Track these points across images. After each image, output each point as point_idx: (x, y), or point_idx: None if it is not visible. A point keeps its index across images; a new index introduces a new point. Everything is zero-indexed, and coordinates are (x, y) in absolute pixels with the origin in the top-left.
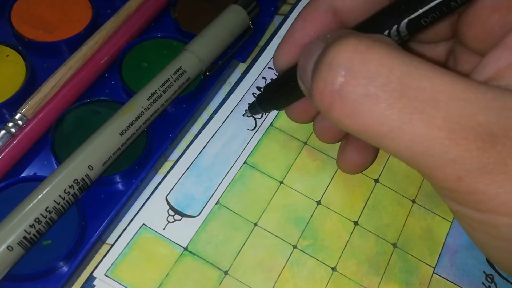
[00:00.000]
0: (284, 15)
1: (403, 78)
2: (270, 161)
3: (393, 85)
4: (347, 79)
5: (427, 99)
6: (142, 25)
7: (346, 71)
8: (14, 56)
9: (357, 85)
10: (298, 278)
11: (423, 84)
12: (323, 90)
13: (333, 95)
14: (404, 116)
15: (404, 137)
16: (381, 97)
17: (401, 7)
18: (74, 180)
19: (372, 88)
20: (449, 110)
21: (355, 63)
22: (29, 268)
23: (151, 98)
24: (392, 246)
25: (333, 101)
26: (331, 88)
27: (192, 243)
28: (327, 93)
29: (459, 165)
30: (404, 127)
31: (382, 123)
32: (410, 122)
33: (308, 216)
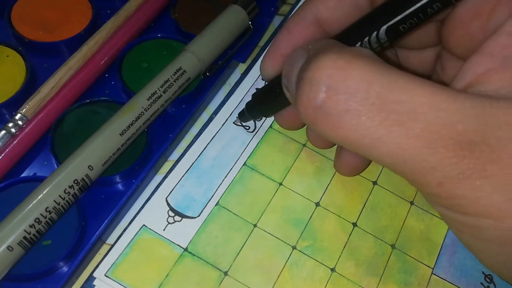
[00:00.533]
0: (284, 15)
1: (381, 92)
2: (269, 163)
3: (372, 99)
4: (328, 95)
5: (406, 111)
6: (142, 26)
7: (326, 87)
8: (14, 56)
9: (337, 100)
10: (297, 278)
11: (401, 97)
12: (306, 105)
13: (316, 111)
14: (383, 129)
15: (385, 147)
16: (361, 111)
17: (380, 14)
18: (74, 180)
19: (352, 103)
20: (428, 120)
21: (335, 79)
22: (29, 268)
23: (151, 98)
24: (391, 247)
25: (317, 116)
26: (314, 104)
27: (192, 244)
28: (311, 108)
29: (439, 172)
30: (384, 139)
31: (364, 136)
32: (390, 134)
33: (307, 218)
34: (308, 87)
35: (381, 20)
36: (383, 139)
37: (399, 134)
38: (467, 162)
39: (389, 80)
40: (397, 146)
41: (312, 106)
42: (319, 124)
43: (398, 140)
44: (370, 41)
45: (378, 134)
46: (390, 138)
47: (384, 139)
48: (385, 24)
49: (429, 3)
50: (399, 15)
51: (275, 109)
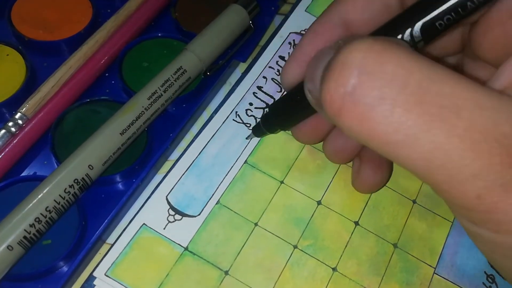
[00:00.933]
0: (285, 14)
1: (422, 82)
2: (270, 161)
3: (411, 88)
4: (361, 80)
5: (449, 105)
6: (142, 25)
7: (360, 71)
8: (14, 55)
9: (371, 87)
10: (298, 278)
11: (444, 89)
12: (334, 92)
13: (344, 98)
14: (422, 123)
15: (421, 147)
16: (398, 101)
17: (414, 12)
18: (74, 180)
19: (388, 91)
20: (472, 118)
21: (370, 63)
22: (29, 267)
23: (151, 97)
24: (393, 246)
25: (344, 104)
26: (343, 90)
27: (193, 243)
28: (338, 95)
29: (480, 181)
30: (421, 136)
31: (397, 131)
32: (429, 130)
33: (308, 216)
34: (338, 72)
35: (415, 17)
36: (420, 136)
37: (439, 131)
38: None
39: (430, 70)
40: (436, 146)
41: (340, 93)
42: (345, 114)
43: (438, 138)
44: (403, 39)
45: (415, 130)
46: (428, 136)
47: (421, 136)
48: (421, 19)
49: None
50: (436, 10)
51: (295, 120)
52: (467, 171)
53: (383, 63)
